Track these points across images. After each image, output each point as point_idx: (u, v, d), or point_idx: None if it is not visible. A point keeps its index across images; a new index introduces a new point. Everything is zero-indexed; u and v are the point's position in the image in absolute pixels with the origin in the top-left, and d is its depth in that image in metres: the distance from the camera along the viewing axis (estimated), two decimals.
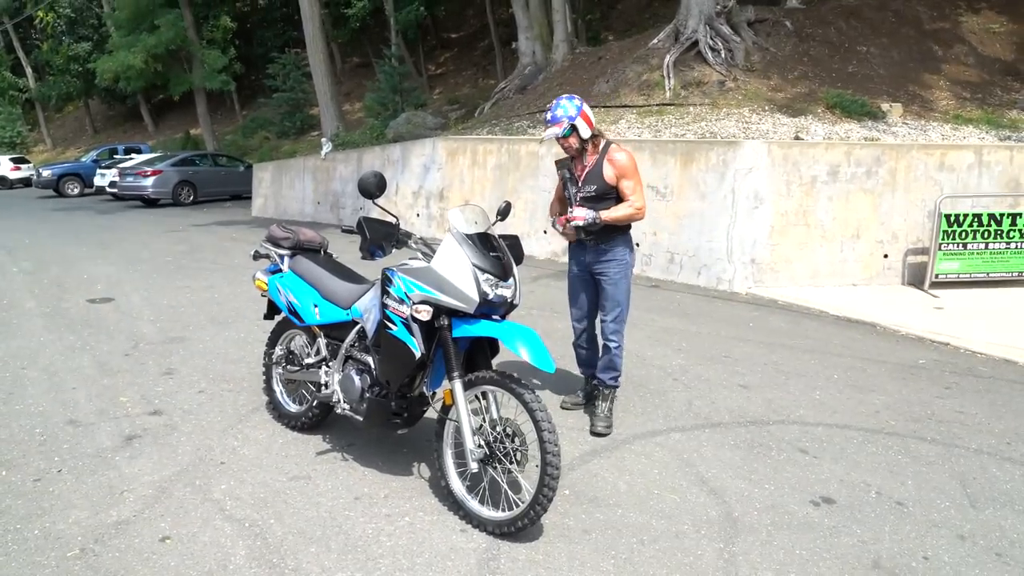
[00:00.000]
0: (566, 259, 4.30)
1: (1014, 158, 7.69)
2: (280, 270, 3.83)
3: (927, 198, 7.46)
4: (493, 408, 2.98)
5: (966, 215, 7.30)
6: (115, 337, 5.75)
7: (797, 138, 8.50)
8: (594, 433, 3.94)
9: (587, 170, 3.81)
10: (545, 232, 9.31)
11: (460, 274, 2.85)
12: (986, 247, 7.40)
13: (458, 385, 2.91)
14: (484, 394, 2.98)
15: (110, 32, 25.99)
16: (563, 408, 4.26)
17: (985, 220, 7.35)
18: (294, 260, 3.78)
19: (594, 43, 17.16)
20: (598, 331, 4.10)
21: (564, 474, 3.29)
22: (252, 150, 25.14)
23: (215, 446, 3.70)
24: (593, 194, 3.78)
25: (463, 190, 10.89)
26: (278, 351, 3.94)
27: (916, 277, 7.55)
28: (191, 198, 19.12)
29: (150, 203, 18.91)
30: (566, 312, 4.38)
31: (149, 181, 18.52)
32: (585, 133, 3.74)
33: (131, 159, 21.95)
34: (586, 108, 3.78)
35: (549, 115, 3.77)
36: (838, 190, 7.44)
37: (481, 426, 2.96)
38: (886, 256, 7.60)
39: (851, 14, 11.50)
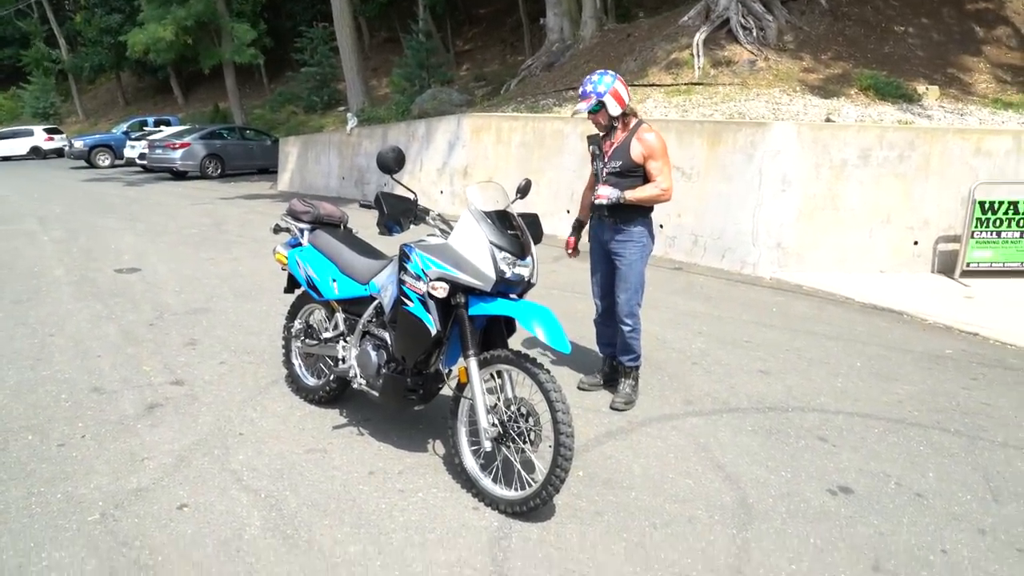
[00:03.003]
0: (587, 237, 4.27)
1: None
2: (300, 244, 3.84)
3: (961, 184, 7.24)
4: (508, 387, 2.97)
5: (1001, 202, 7.09)
6: (140, 307, 5.85)
7: (828, 120, 8.30)
8: (613, 408, 3.93)
9: (614, 146, 3.78)
10: (568, 211, 9.24)
11: (477, 252, 2.83)
12: (1021, 236, 7.19)
13: (473, 363, 2.91)
14: (499, 373, 2.98)
15: (141, 4, 26.07)
16: (580, 388, 4.25)
17: (1022, 208, 7.13)
18: (314, 234, 3.79)
19: (624, 20, 16.86)
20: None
21: (578, 455, 3.28)
22: (279, 124, 25.26)
23: (234, 417, 3.76)
24: (618, 170, 3.74)
25: (487, 167, 10.84)
26: (297, 325, 3.97)
27: (947, 265, 7.37)
28: (218, 171, 19.29)
29: (178, 175, 19.12)
30: (587, 292, 4.35)
31: (177, 154, 18.71)
32: (614, 110, 3.69)
33: (160, 131, 22.20)
34: (619, 86, 3.71)
35: (581, 89, 3.74)
36: (869, 174, 7.26)
37: (495, 405, 2.96)
38: (916, 243, 7.42)
39: None
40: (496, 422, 2.90)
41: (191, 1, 23.90)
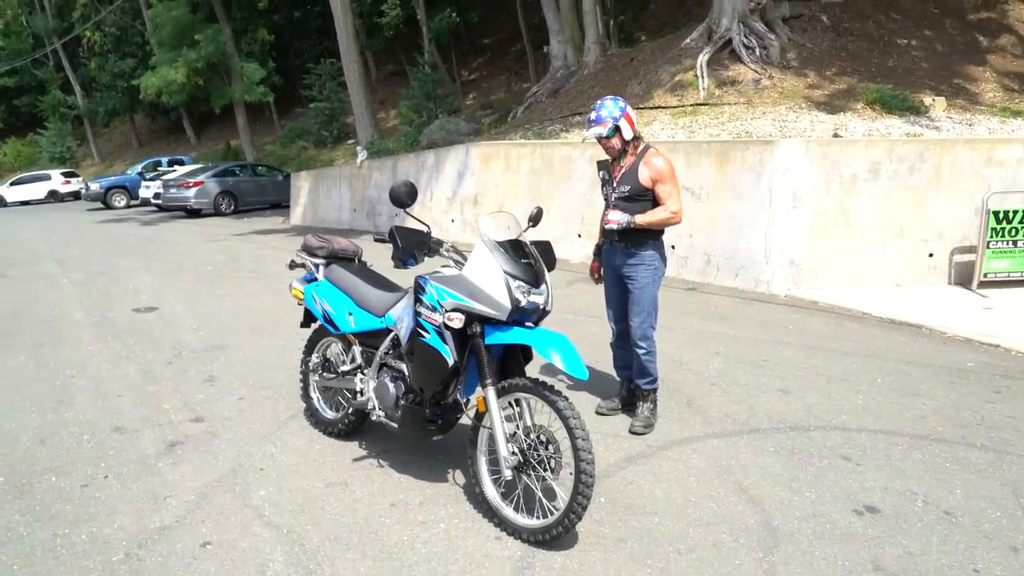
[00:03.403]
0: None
1: None
2: (315, 279, 3.88)
3: (974, 194, 7.20)
4: (527, 415, 2.97)
5: (1016, 211, 7.04)
6: (159, 345, 5.91)
7: (836, 135, 8.31)
8: (632, 432, 3.92)
9: (623, 171, 3.83)
10: (579, 236, 9.28)
11: (492, 281, 2.85)
12: None
13: (491, 392, 2.91)
14: (517, 401, 2.98)
15: (153, 49, 26.72)
16: (599, 413, 4.23)
17: None
18: (329, 269, 3.83)
19: (626, 44, 17.06)
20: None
21: (599, 481, 3.26)
22: (290, 159, 25.62)
23: (254, 452, 3.77)
24: (627, 194, 3.79)
25: (497, 195, 10.92)
26: (314, 359, 4.00)
27: (963, 276, 7.31)
28: (232, 208, 19.56)
29: (192, 213, 19.40)
30: (601, 316, 4.36)
31: (191, 192, 19.01)
32: (628, 135, 3.76)
33: (174, 171, 22.59)
34: (629, 110, 3.80)
35: (593, 115, 3.78)
36: (880, 188, 7.25)
37: (515, 433, 2.96)
38: (931, 255, 7.37)
39: (890, 6, 11.23)
40: (516, 450, 2.90)
41: (201, 43, 24.48)
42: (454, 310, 2.91)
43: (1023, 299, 6.75)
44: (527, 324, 2.96)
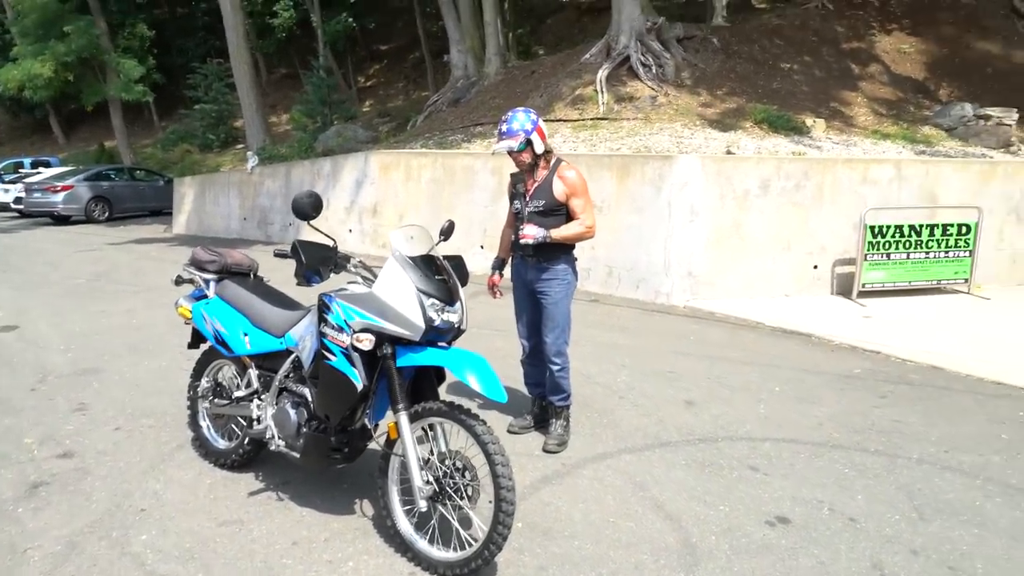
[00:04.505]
0: (505, 272, 4.18)
1: (930, 172, 8.05)
2: (205, 296, 3.54)
3: (852, 211, 7.70)
4: (441, 440, 2.81)
5: (889, 226, 7.57)
6: (19, 370, 5.27)
7: (729, 152, 8.67)
8: (546, 450, 3.84)
9: (537, 185, 3.75)
10: (482, 247, 9.18)
11: (404, 299, 2.68)
12: (908, 257, 7.69)
13: (403, 418, 2.73)
14: (431, 426, 2.81)
15: (14, 39, 24.37)
16: (510, 432, 4.12)
17: (906, 231, 7.63)
18: (221, 285, 3.50)
19: (525, 57, 17.22)
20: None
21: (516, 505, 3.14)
22: (173, 163, 24.06)
23: (134, 491, 3.38)
24: (541, 209, 3.71)
25: (397, 205, 10.66)
26: (204, 383, 3.64)
27: (844, 287, 7.78)
28: (106, 215, 18.12)
29: (60, 220, 17.80)
30: (509, 330, 4.25)
31: (59, 197, 17.45)
32: (539, 148, 3.68)
33: (39, 173, 20.65)
34: (541, 123, 3.72)
35: (504, 127, 3.67)
36: (769, 203, 7.59)
37: (429, 460, 2.78)
38: (816, 267, 7.80)
39: (773, 32, 11.91)
40: (431, 479, 2.72)
41: (71, 36, 22.58)
42: (363, 330, 2.71)
43: (896, 308, 7.25)
44: (441, 344, 2.80)
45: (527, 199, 3.76)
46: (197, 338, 3.66)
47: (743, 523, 3.15)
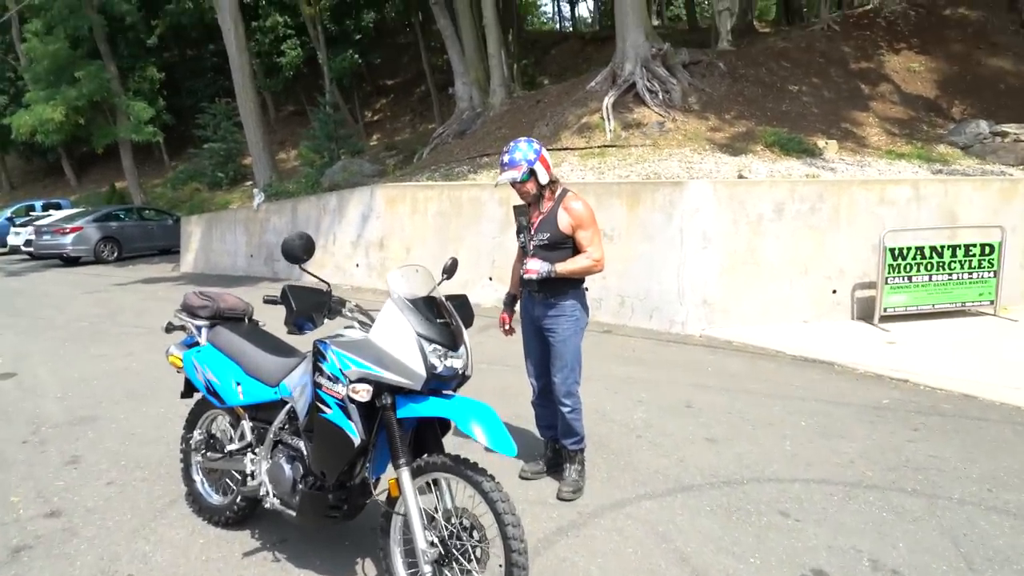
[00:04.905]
0: (515, 306, 3.99)
1: (948, 191, 7.84)
2: (197, 343, 3.37)
3: (870, 232, 7.47)
4: (447, 496, 2.59)
5: (909, 248, 7.33)
6: (13, 420, 5.09)
7: (741, 176, 8.50)
8: (560, 498, 3.60)
9: (542, 218, 3.56)
10: (491, 279, 9.01)
11: (404, 346, 2.48)
12: (930, 279, 7.43)
13: (405, 474, 2.52)
14: (435, 481, 2.60)
15: (27, 85, 24.74)
16: (522, 478, 3.89)
17: (927, 253, 7.39)
18: (213, 331, 3.32)
19: (530, 87, 17.26)
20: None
21: (529, 562, 2.90)
22: (182, 202, 24.20)
23: (122, 553, 3.17)
24: (546, 242, 3.52)
25: (404, 238, 10.54)
26: (197, 435, 3.44)
27: (865, 311, 7.52)
28: (115, 255, 18.15)
29: (70, 262, 17.83)
30: (519, 365, 4.04)
31: (68, 239, 17.50)
32: (543, 179, 3.50)
33: (49, 215, 20.79)
34: (545, 153, 3.55)
35: (507, 157, 3.50)
36: (784, 227, 7.39)
37: (433, 519, 2.57)
38: (834, 292, 7.56)
39: (780, 55, 11.81)
40: (435, 540, 2.51)
41: (82, 81, 22.90)
42: (360, 380, 2.52)
43: (920, 332, 6.98)
44: (445, 392, 2.60)
45: (532, 232, 3.57)
46: (190, 387, 3.47)
47: None
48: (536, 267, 3.43)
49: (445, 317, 2.62)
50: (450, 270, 2.96)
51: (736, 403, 5.12)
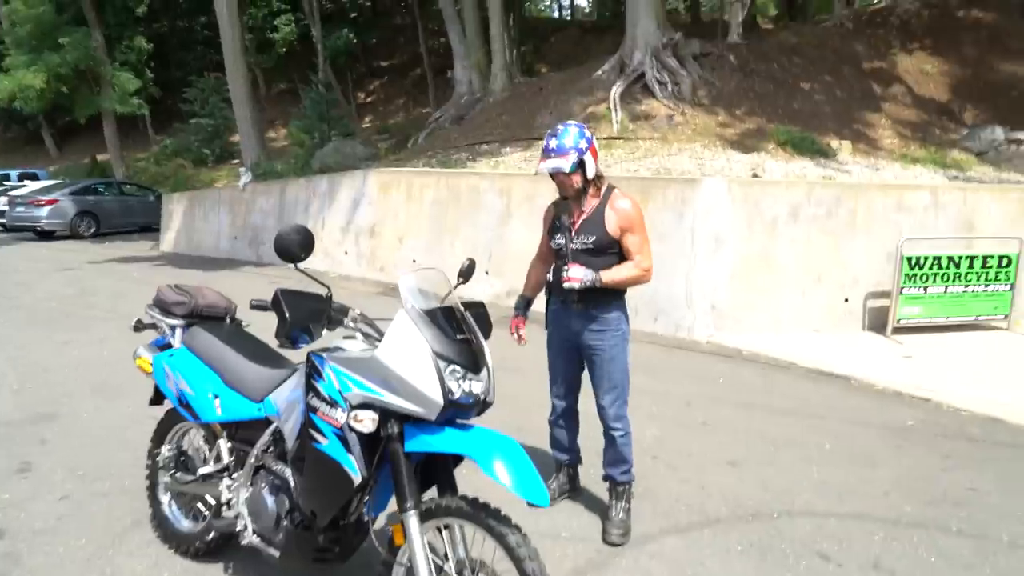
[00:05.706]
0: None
1: (967, 199, 7.53)
2: (170, 345, 2.93)
3: (887, 240, 7.13)
4: (460, 544, 2.20)
5: (926, 257, 7.01)
6: None
7: (755, 175, 8.14)
8: (608, 543, 3.17)
9: (585, 217, 3.09)
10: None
11: (418, 367, 2.06)
12: (945, 290, 7.12)
13: (413, 519, 2.10)
14: (447, 526, 2.20)
15: (8, 48, 23.83)
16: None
17: (944, 263, 7.07)
18: (189, 333, 2.87)
19: (528, 75, 16.78)
20: (582, 408, 3.38)
21: None
22: (166, 178, 23.49)
23: None
24: (591, 246, 3.05)
25: (397, 226, 10.09)
26: (166, 451, 2.99)
27: (877, 322, 7.20)
28: (92, 230, 17.53)
29: (44, 235, 17.19)
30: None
31: (43, 211, 16.87)
32: (591, 172, 3.03)
33: (25, 186, 20.05)
34: (595, 141, 3.06)
35: (554, 143, 2.98)
36: (800, 231, 7.04)
37: (442, 570, 2.17)
38: (847, 300, 7.23)
39: (792, 51, 11.46)
40: None
41: (67, 47, 22.07)
42: (363, 406, 2.10)
43: (936, 346, 6.68)
44: (460, 421, 2.19)
45: (572, 234, 3.08)
46: (160, 394, 3.03)
47: None
48: (580, 275, 2.97)
49: (465, 332, 2.20)
50: (467, 273, 2.55)
51: (753, 421, 4.78)
